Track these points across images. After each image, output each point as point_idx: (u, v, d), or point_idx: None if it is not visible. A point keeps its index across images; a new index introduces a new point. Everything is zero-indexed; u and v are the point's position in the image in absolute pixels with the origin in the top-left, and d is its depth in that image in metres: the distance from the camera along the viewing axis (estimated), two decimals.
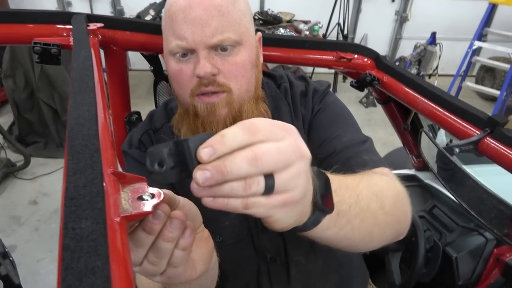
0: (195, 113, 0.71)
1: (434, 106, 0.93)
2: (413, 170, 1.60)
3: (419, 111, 0.97)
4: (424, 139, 0.85)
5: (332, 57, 1.05)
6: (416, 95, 0.97)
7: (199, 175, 0.34)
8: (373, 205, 0.55)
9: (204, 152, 0.34)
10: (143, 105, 4.47)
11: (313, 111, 0.81)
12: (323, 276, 0.84)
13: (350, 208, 0.51)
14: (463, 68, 4.16)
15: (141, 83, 4.46)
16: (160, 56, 0.96)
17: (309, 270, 0.82)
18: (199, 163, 0.35)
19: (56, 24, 0.84)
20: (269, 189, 0.36)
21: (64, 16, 0.83)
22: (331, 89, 0.87)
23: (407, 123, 1.15)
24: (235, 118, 0.72)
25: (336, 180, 0.51)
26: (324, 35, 4.31)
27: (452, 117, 0.88)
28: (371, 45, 5.17)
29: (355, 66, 1.08)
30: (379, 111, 4.09)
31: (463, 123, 0.86)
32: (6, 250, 1.41)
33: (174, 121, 0.78)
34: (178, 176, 0.36)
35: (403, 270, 1.28)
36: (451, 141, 1.14)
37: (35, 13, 0.82)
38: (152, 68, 1.02)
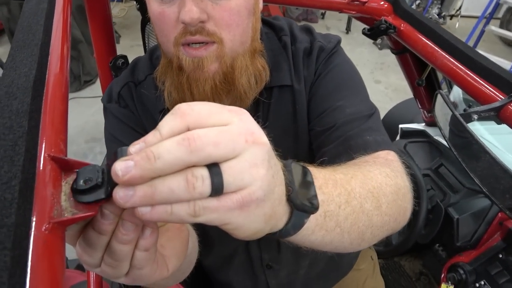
0: (180, 66, 0.61)
1: (455, 62, 0.82)
2: (423, 124, 1.51)
3: (437, 67, 0.86)
4: (439, 101, 0.76)
5: None
6: (436, 48, 0.86)
7: (118, 165, 0.27)
8: (367, 204, 0.46)
9: (134, 146, 0.28)
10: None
11: (316, 74, 0.71)
12: None
13: (339, 208, 0.43)
14: (489, 10, 3.84)
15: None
16: None
17: None
18: None
19: None
20: (217, 187, 0.28)
21: None
22: (340, 44, 0.75)
23: (422, 78, 1.04)
24: (226, 74, 0.62)
25: (322, 175, 0.43)
26: None
27: (474, 77, 0.78)
28: None
29: (370, 11, 0.95)
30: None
31: (485, 85, 0.75)
32: None
33: (157, 73, 0.69)
34: (105, 192, 0.29)
35: (401, 229, 1.25)
36: (469, 106, 1.04)
37: None
38: (138, 5, 0.90)
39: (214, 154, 0.28)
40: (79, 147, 2.70)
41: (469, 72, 0.79)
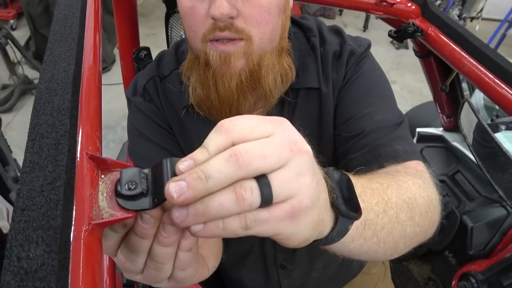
0: (206, 61, 0.61)
1: (483, 70, 0.80)
2: (441, 129, 1.49)
3: (464, 74, 0.85)
4: (466, 109, 0.74)
5: (372, 0, 0.90)
6: (464, 54, 0.84)
7: (172, 187, 0.27)
8: (402, 215, 0.46)
9: (183, 163, 0.29)
10: (162, 27, 4.28)
11: (345, 78, 0.69)
12: None
13: (377, 217, 0.42)
14: None
15: (161, 3, 4.22)
16: None
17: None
18: None
19: None
20: (267, 197, 0.28)
21: None
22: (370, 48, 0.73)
23: (446, 83, 1.02)
24: (252, 72, 0.61)
25: (360, 184, 0.43)
26: None
27: (503, 86, 0.76)
28: None
29: (397, 13, 0.93)
30: (410, 54, 3.82)
31: None
32: (19, 175, 1.42)
33: (183, 68, 0.68)
34: (150, 203, 0.30)
35: None
36: (497, 116, 1.02)
37: None
38: None
39: (261, 166, 0.28)
40: None
41: (497, 81, 0.77)
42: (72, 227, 0.25)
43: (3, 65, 2.76)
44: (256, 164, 0.28)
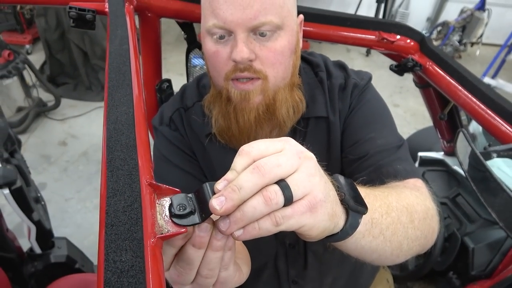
0: (228, 97, 0.70)
1: (477, 102, 0.88)
2: (442, 153, 1.56)
3: (460, 105, 0.92)
4: (461, 138, 0.82)
5: (374, 37, 0.99)
6: (460, 87, 0.92)
7: (215, 201, 0.36)
8: (403, 217, 0.54)
9: (219, 184, 0.37)
10: (171, 53, 4.42)
11: (350, 108, 0.78)
12: (338, 265, 0.86)
13: (382, 217, 0.50)
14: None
15: (170, 29, 4.38)
16: (194, 24, 0.93)
17: (325, 258, 0.83)
18: None
19: None
20: (288, 196, 0.37)
21: None
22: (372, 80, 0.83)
23: (444, 112, 1.10)
24: (268, 106, 0.70)
25: (363, 190, 0.51)
26: None
27: (495, 117, 0.84)
28: (414, 6, 4.86)
29: (397, 48, 1.01)
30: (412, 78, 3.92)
31: (505, 125, 0.81)
32: (39, 195, 1.49)
33: (205, 101, 0.77)
34: (199, 218, 0.37)
35: (417, 255, 1.29)
36: (489, 145, 1.08)
37: None
38: (185, 35, 0.99)
39: (280, 172, 0.37)
40: None
41: (490, 112, 0.85)
42: (143, 239, 0.32)
43: (20, 88, 2.88)
44: (275, 171, 0.36)
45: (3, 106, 2.78)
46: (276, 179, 0.37)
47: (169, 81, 1.03)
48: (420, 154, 1.60)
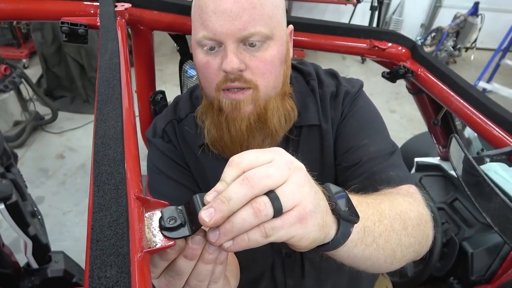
0: (220, 107, 0.70)
1: (469, 107, 0.88)
2: (438, 158, 1.56)
3: (452, 111, 0.93)
4: (454, 144, 0.82)
5: (365, 45, 1.00)
6: (451, 93, 0.93)
7: (204, 213, 0.36)
8: (396, 225, 0.53)
9: (209, 195, 0.37)
10: (168, 64, 4.44)
11: (342, 115, 0.78)
12: (336, 273, 0.85)
13: (374, 225, 0.50)
14: (505, 44, 3.90)
15: (166, 41, 4.41)
16: (186, 36, 0.93)
17: (323, 266, 0.83)
18: None
19: (83, 0, 0.82)
20: (278, 207, 0.37)
21: None
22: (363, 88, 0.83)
23: (437, 118, 1.10)
24: (260, 115, 0.70)
25: (356, 198, 0.51)
26: (359, 0, 4.10)
27: (487, 121, 0.84)
28: (408, 12, 4.91)
29: (389, 56, 1.02)
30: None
31: (498, 130, 0.82)
32: (35, 209, 1.48)
33: (198, 112, 0.77)
34: (189, 230, 0.37)
35: (416, 261, 1.29)
36: (483, 149, 1.09)
37: None
38: (178, 47, 0.99)
39: (269, 183, 0.37)
40: None
41: (482, 117, 0.85)
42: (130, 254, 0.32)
43: (16, 102, 2.88)
44: (264, 182, 0.36)
45: (0, 121, 2.78)
46: (265, 190, 0.37)
47: (162, 92, 1.03)
48: (417, 159, 1.60)
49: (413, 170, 1.64)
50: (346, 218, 0.43)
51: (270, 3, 0.65)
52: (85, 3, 0.82)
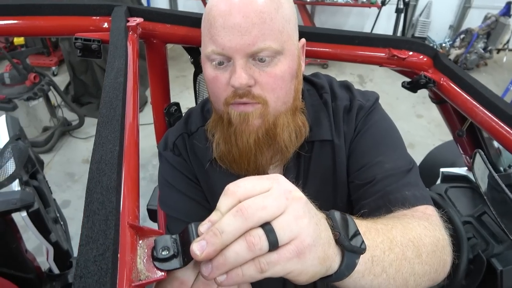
0: (229, 120, 0.68)
1: (496, 120, 0.83)
2: (465, 169, 1.49)
3: (477, 123, 0.88)
4: (478, 159, 0.77)
5: (383, 54, 0.97)
6: (476, 104, 0.87)
7: (195, 246, 0.34)
8: (409, 252, 0.50)
9: (203, 226, 0.36)
10: (191, 69, 4.48)
11: (356, 130, 0.75)
12: None
13: (384, 254, 0.47)
14: None
15: None
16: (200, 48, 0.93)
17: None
18: None
19: (97, 16, 0.83)
20: (273, 241, 0.35)
21: (105, 9, 0.82)
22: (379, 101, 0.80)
23: (462, 129, 1.05)
24: (268, 130, 0.68)
25: (364, 224, 0.48)
26: (383, 2, 4.01)
27: None
28: (436, 14, 4.77)
29: (410, 65, 0.98)
30: None
31: None
32: (58, 215, 1.52)
33: (208, 126, 0.76)
34: (181, 262, 0.36)
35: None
36: (510, 166, 1.03)
37: (77, 6, 0.81)
38: (192, 59, 0.99)
39: (264, 215, 0.35)
40: None
41: (510, 130, 0.80)
42: None
43: (45, 108, 2.99)
44: (259, 214, 0.35)
45: (29, 127, 2.89)
46: (260, 222, 0.35)
47: (177, 104, 1.03)
48: (442, 169, 1.54)
49: (438, 181, 1.57)
50: (351, 249, 0.41)
51: (280, 17, 0.63)
52: (98, 18, 0.83)
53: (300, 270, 0.37)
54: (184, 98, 3.51)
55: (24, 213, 1.21)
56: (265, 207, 0.35)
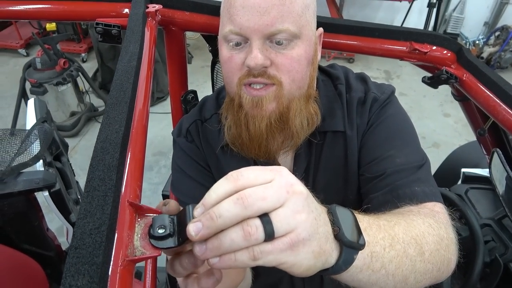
0: (240, 103, 0.68)
1: None
2: (488, 170, 1.44)
3: (499, 121, 0.85)
4: (496, 159, 0.74)
5: (404, 48, 0.94)
6: (499, 102, 0.84)
7: (191, 227, 0.35)
8: (410, 250, 0.49)
9: (196, 210, 0.36)
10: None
11: (369, 123, 0.74)
12: None
13: (384, 250, 0.46)
14: None
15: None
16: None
17: None
18: None
19: (118, 2, 0.85)
20: (269, 232, 0.35)
21: None
22: (395, 94, 0.78)
23: (484, 128, 1.01)
24: (282, 114, 0.68)
25: (366, 220, 0.48)
26: None
27: None
28: (470, 9, 4.60)
29: (432, 60, 0.95)
30: None
31: None
32: (79, 197, 1.57)
33: (222, 110, 0.76)
34: (176, 241, 0.37)
35: (456, 278, 1.20)
36: None
37: None
38: (210, 48, 1.00)
39: (263, 206, 0.35)
40: (146, 159, 2.87)
41: None
42: (111, 262, 0.32)
43: (73, 94, 3.08)
44: (259, 205, 0.35)
45: (58, 111, 2.99)
46: (259, 213, 0.35)
47: (194, 92, 1.04)
48: (464, 170, 1.49)
49: (459, 182, 1.53)
50: (350, 245, 0.41)
51: (300, 1, 0.63)
52: (119, 4, 0.85)
53: (292, 262, 0.37)
54: (208, 87, 3.54)
55: (46, 193, 1.26)
56: (265, 198, 0.35)
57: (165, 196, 1.40)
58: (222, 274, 0.43)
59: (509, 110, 0.82)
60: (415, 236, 0.51)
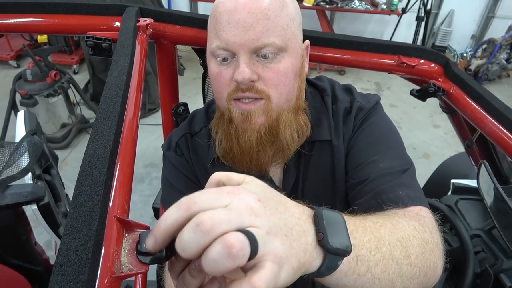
0: (230, 118, 0.69)
1: (505, 131, 0.81)
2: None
3: (485, 134, 0.86)
4: (483, 170, 0.75)
5: (392, 61, 0.96)
6: (486, 114, 0.86)
7: (168, 266, 0.37)
8: (396, 253, 0.49)
9: (148, 240, 0.35)
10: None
11: (354, 130, 0.76)
12: None
13: (370, 253, 0.46)
14: None
15: None
16: None
17: None
18: None
19: (109, 15, 0.85)
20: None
21: (117, 9, 0.84)
22: (380, 103, 0.79)
23: (471, 139, 1.02)
24: (271, 127, 0.69)
25: (352, 222, 0.47)
26: (404, 10, 3.97)
27: None
28: (457, 23, 4.69)
29: (419, 73, 0.97)
30: None
31: None
32: (68, 210, 1.55)
33: (212, 125, 0.77)
34: (164, 256, 0.36)
35: None
36: None
37: (90, 5, 0.83)
38: (201, 61, 1.01)
39: (228, 230, 0.32)
40: (138, 171, 2.89)
41: None
42: (97, 279, 0.32)
43: (64, 106, 3.06)
44: (224, 228, 0.32)
45: (48, 123, 2.97)
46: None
47: (185, 104, 1.04)
48: (453, 181, 1.50)
49: (449, 192, 1.54)
50: (334, 252, 0.39)
51: (285, 15, 0.64)
52: (110, 17, 0.85)
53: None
54: (199, 99, 3.55)
55: (34, 206, 1.24)
56: (230, 220, 0.33)
57: (155, 209, 1.38)
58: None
59: (495, 123, 0.84)
60: (401, 238, 0.50)
